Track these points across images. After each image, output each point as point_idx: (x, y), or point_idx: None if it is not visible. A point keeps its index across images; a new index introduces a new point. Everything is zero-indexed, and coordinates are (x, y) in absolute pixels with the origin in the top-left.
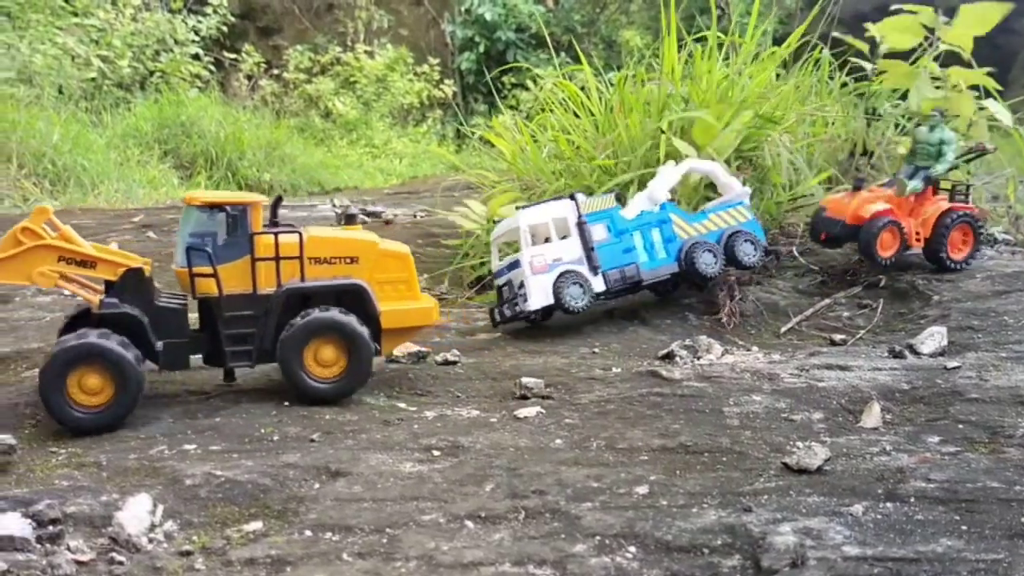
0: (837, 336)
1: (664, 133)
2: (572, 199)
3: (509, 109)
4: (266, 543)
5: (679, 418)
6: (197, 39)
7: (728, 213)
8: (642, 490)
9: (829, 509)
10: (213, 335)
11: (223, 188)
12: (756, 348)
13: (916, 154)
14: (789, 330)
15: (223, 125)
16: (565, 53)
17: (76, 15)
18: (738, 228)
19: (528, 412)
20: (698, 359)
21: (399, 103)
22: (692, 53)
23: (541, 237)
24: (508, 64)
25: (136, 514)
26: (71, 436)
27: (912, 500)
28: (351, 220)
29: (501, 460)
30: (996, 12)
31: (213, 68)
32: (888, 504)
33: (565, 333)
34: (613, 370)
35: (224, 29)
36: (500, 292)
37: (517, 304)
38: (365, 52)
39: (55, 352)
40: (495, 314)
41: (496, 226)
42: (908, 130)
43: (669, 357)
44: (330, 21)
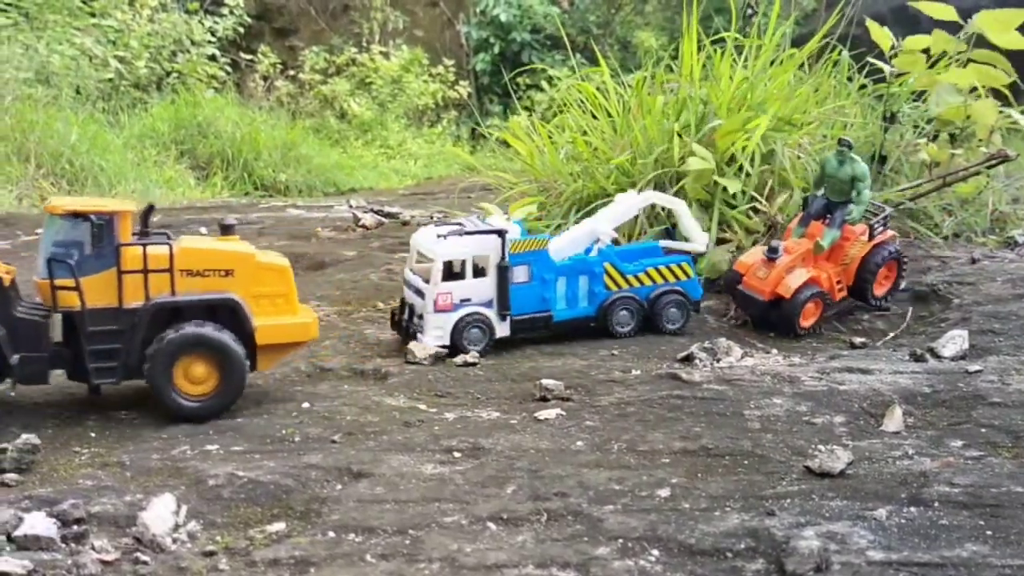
0: (857, 339)
1: (680, 137)
2: (501, 236)
3: (524, 110)
4: (289, 544)
5: (700, 421)
6: (213, 40)
7: (669, 268)
8: (664, 493)
9: (853, 513)
10: (77, 350)
11: (240, 188)
12: (775, 351)
13: (828, 187)
14: (808, 332)
15: (239, 126)
16: (580, 54)
17: (93, 16)
18: (671, 288)
19: (548, 414)
20: (717, 361)
21: (414, 104)
22: (710, 55)
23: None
24: (523, 65)
25: (160, 514)
26: (94, 436)
27: (936, 504)
28: (228, 231)
29: (522, 462)
30: (1016, 18)
31: (229, 69)
32: (912, 508)
33: (584, 335)
34: (633, 372)
35: (240, 30)
36: (402, 304)
37: (415, 332)
38: (380, 53)
39: None
40: (401, 323)
41: (419, 234)
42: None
43: (688, 359)
44: (346, 22)
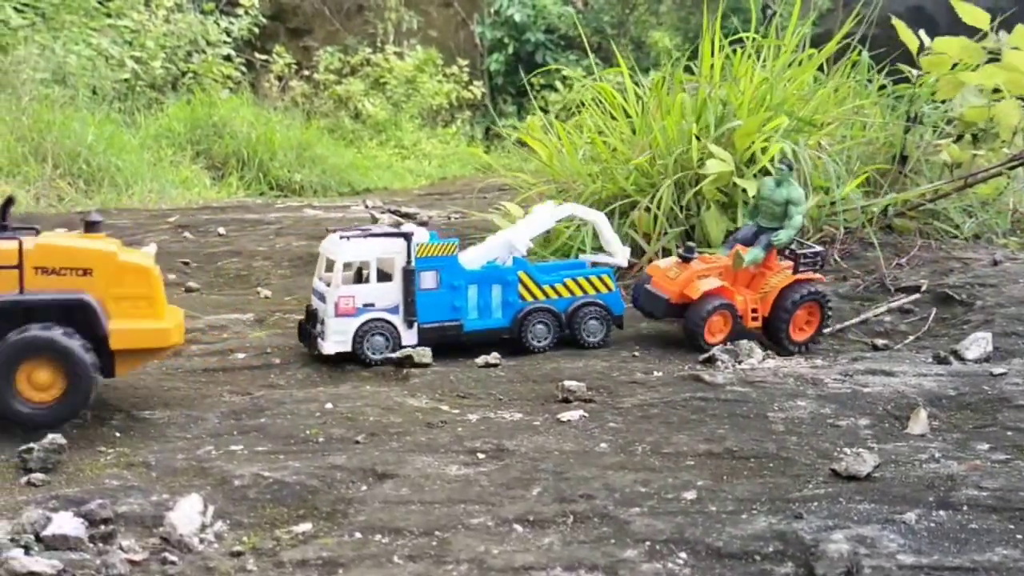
0: (879, 341)
1: (699, 139)
2: (407, 239)
3: (540, 110)
4: (316, 545)
5: (723, 423)
6: (229, 40)
7: (588, 280)
8: (690, 495)
9: (881, 517)
10: None
11: (255, 188)
12: (797, 353)
13: (760, 211)
14: (830, 335)
15: (254, 126)
16: (595, 54)
17: (109, 16)
18: (591, 300)
19: (571, 415)
20: (739, 363)
21: (428, 104)
22: (729, 56)
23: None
24: (536, 65)
25: (187, 514)
26: (118, 436)
27: (965, 508)
28: (93, 227)
29: (547, 464)
30: None
31: (244, 69)
32: (941, 512)
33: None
34: (654, 374)
35: (255, 30)
36: (307, 312)
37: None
38: (395, 53)
39: None
40: (309, 337)
41: (327, 239)
42: (944, 134)
43: (710, 361)
44: (360, 22)
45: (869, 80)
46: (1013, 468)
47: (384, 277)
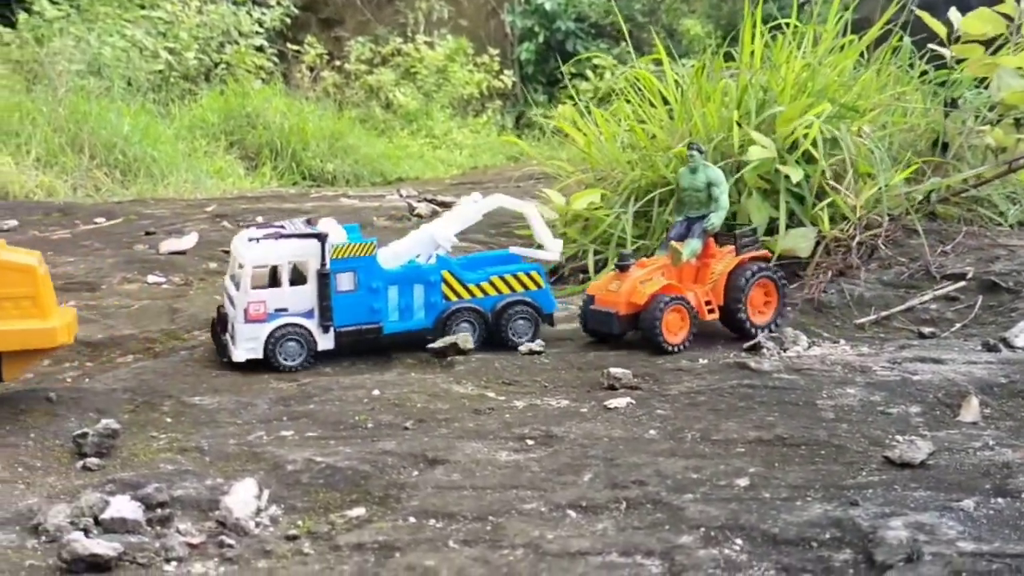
0: (925, 329)
1: (740, 126)
2: (321, 240)
3: (568, 99)
4: (372, 529)
5: (772, 410)
6: (261, 31)
7: (516, 277)
8: (743, 482)
9: (939, 504)
10: None
11: (288, 178)
12: (843, 341)
13: (685, 204)
14: (875, 322)
15: (287, 116)
16: (626, 42)
17: (143, 8)
18: (519, 298)
19: (618, 403)
20: (785, 351)
21: (459, 93)
22: (768, 44)
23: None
24: (567, 53)
25: (242, 498)
26: (169, 422)
27: (1023, 496)
28: None
29: (596, 450)
30: None
31: (276, 60)
32: (999, 500)
33: None
34: (700, 361)
35: (287, 21)
36: (218, 313)
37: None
38: (425, 43)
39: None
40: (215, 334)
41: (238, 238)
42: (989, 119)
43: (755, 348)
44: (391, 12)
45: (910, 65)
46: None
47: (299, 280)
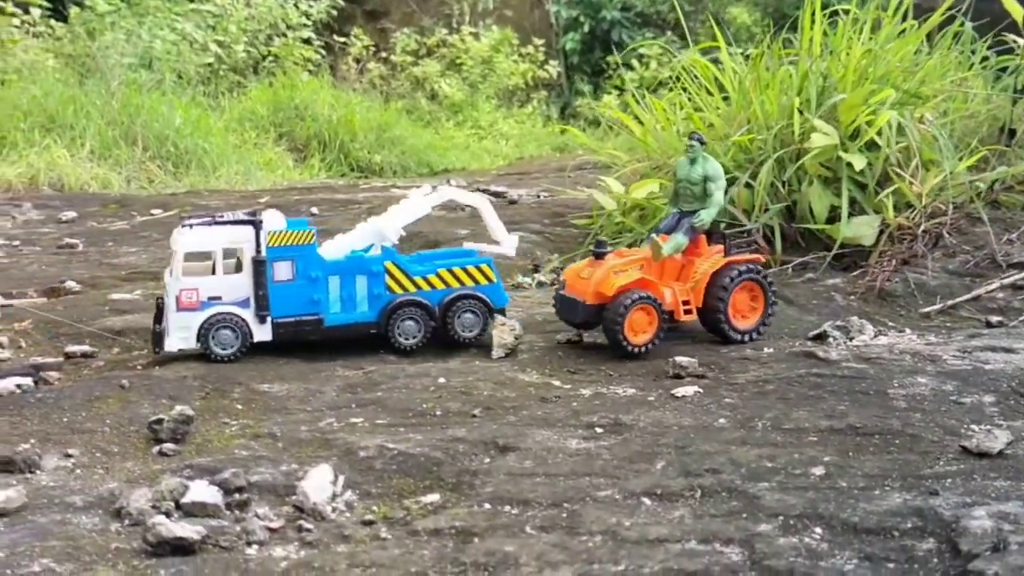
0: (993, 318)
1: (801, 113)
2: (256, 227)
3: (615, 88)
4: (447, 514)
5: (843, 399)
6: (308, 23)
7: (466, 271)
8: (818, 471)
9: (1020, 493)
10: None
11: (336, 170)
12: (909, 330)
13: (679, 196)
14: (941, 311)
15: (335, 108)
16: (672, 31)
17: (192, 1)
18: (467, 292)
19: (686, 391)
20: (851, 340)
21: (504, 84)
22: (826, 31)
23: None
24: (612, 43)
25: (319, 484)
26: (240, 408)
27: None
28: None
29: (667, 438)
30: None
31: (323, 52)
32: None
33: None
34: (765, 350)
35: (333, 13)
36: (157, 306)
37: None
38: (470, 34)
39: None
40: (156, 335)
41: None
42: None
43: (821, 337)
44: (436, 3)
45: (972, 51)
46: None
47: (236, 268)
